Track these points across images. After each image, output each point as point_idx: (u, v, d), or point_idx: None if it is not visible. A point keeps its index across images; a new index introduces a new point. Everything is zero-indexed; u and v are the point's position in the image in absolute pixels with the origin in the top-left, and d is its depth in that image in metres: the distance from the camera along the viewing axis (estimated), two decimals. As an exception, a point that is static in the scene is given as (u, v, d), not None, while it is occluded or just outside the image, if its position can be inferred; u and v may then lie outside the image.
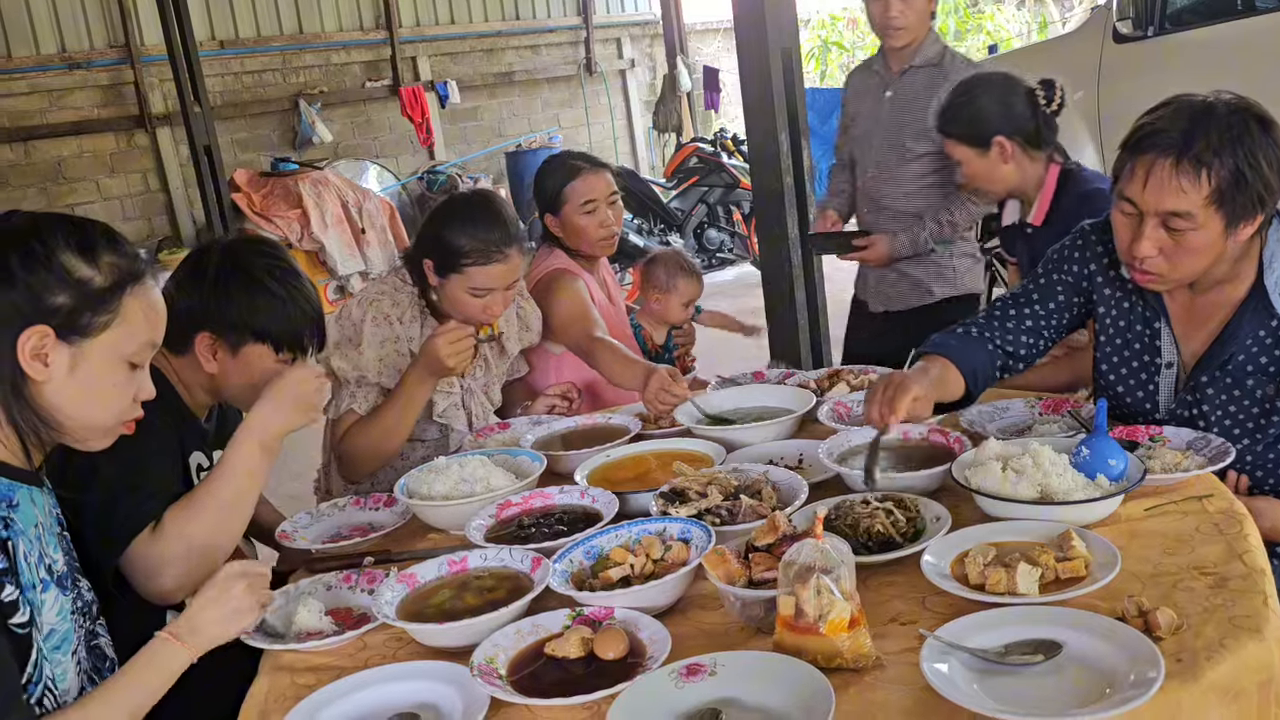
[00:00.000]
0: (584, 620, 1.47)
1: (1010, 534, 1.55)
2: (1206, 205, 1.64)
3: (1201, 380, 1.83)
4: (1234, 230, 1.66)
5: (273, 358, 1.85)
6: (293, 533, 1.98)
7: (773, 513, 1.57)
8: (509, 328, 2.56)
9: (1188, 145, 1.63)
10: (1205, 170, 1.62)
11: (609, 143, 11.81)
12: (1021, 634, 1.29)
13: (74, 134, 8.92)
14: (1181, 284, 1.76)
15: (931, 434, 1.90)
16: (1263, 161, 1.63)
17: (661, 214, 7.25)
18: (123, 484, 1.64)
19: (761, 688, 1.26)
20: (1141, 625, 1.28)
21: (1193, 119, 1.67)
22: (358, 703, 1.37)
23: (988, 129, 2.56)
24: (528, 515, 1.85)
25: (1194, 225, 1.65)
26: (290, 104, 9.84)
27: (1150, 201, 1.68)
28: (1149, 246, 1.70)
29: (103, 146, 9.08)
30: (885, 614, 1.44)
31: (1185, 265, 1.70)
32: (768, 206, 4.17)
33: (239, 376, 1.85)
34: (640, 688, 1.28)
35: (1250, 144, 1.63)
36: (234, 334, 1.82)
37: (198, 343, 1.82)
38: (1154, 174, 1.66)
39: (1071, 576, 1.41)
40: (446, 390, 2.39)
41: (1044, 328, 1.95)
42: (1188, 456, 1.75)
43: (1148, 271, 1.74)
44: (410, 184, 10.45)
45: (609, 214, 2.71)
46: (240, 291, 1.83)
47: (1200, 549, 1.49)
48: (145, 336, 1.42)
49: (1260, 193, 1.64)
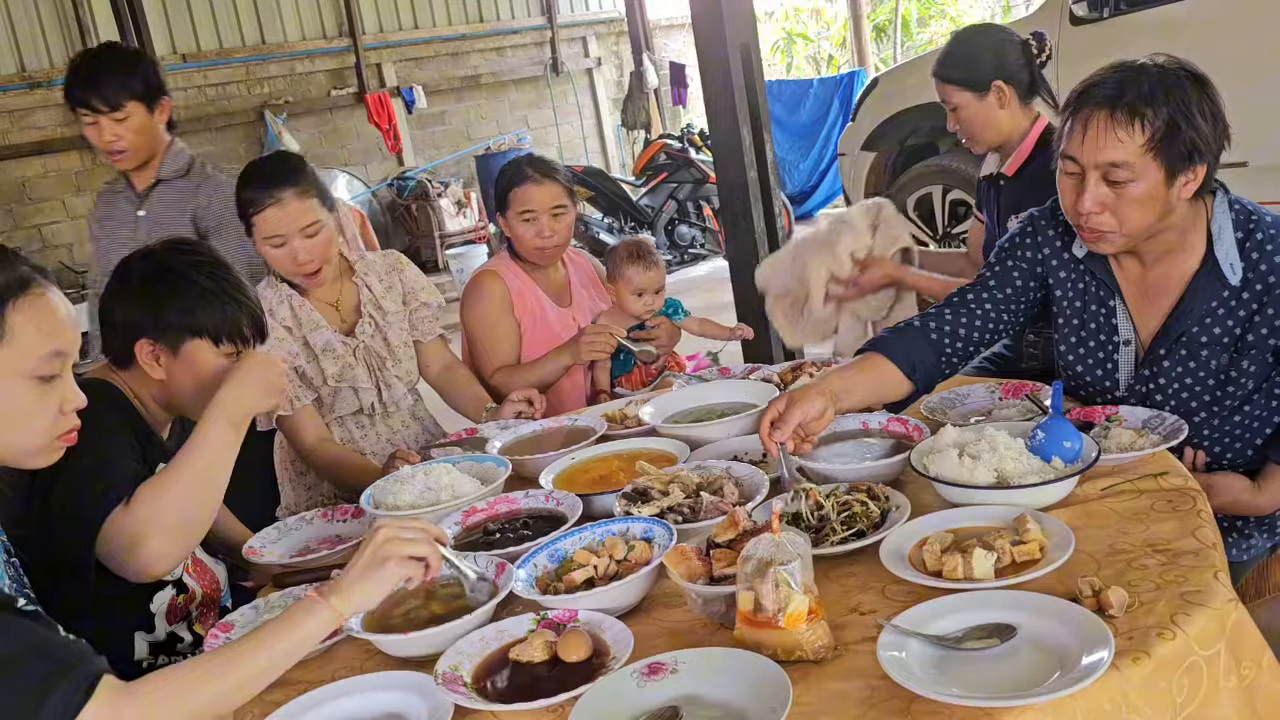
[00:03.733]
0: (548, 624, 1.48)
1: (968, 519, 1.56)
2: (1144, 153, 1.67)
3: (1159, 355, 1.86)
4: (1173, 182, 1.69)
5: (214, 352, 1.84)
6: (260, 548, 1.97)
7: (733, 509, 1.58)
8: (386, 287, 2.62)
9: (1121, 95, 1.68)
10: (1139, 119, 1.67)
11: (579, 142, 11.82)
12: (978, 619, 1.31)
13: (38, 154, 8.85)
14: (1131, 242, 1.78)
15: (891, 423, 1.92)
16: (1195, 113, 1.67)
17: (631, 212, 7.25)
18: (87, 475, 1.66)
19: (722, 684, 1.27)
20: (1094, 605, 1.30)
21: (1125, 73, 1.72)
22: (323, 717, 1.37)
23: (986, 73, 2.62)
24: (494, 521, 1.85)
25: (1133, 175, 1.68)
26: (256, 115, 9.80)
27: (1090, 154, 1.71)
28: (1091, 201, 1.72)
29: (67, 165, 9.01)
30: (846, 604, 1.45)
31: (1131, 219, 1.73)
32: (733, 201, 4.17)
33: (185, 377, 1.84)
34: (602, 689, 1.29)
35: (1183, 95, 1.68)
36: (171, 335, 1.82)
37: (139, 351, 1.81)
38: (1091, 126, 1.70)
39: (1027, 559, 1.43)
40: (333, 355, 2.48)
41: (1002, 313, 1.97)
42: (1143, 435, 1.77)
43: (1095, 229, 1.76)
44: (380, 191, 10.44)
45: (550, 225, 2.72)
46: (169, 292, 1.83)
47: (1154, 526, 1.51)
48: (45, 348, 1.37)
49: (1195, 142, 1.67)
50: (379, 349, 2.57)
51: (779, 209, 4.25)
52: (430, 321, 2.72)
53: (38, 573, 1.63)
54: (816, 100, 9.50)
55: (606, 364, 2.85)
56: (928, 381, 1.93)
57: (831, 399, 1.78)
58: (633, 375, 2.85)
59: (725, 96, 4.04)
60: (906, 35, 11.68)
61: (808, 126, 9.54)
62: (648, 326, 2.85)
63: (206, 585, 1.97)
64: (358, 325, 2.55)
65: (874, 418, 1.94)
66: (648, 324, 2.85)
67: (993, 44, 2.66)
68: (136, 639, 1.84)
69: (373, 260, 2.67)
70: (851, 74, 9.85)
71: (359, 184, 10.21)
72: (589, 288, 2.99)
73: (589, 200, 7.35)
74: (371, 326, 2.57)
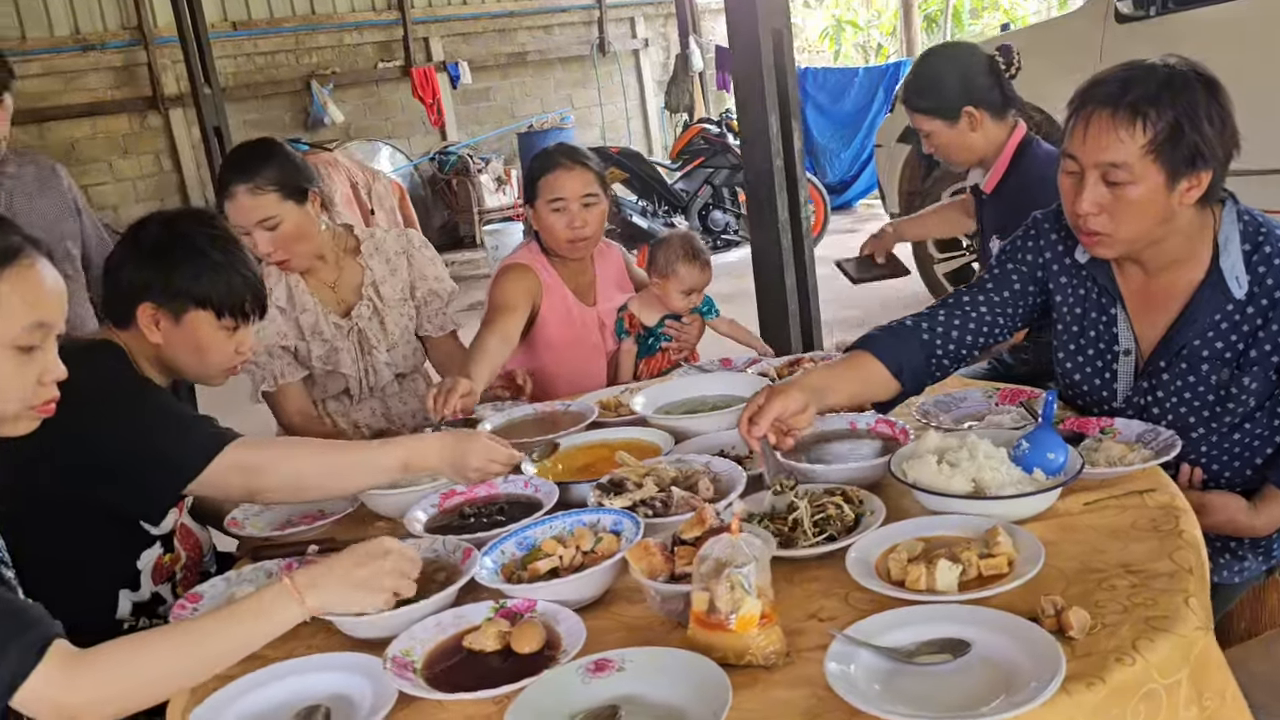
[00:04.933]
0: (506, 613, 1.47)
1: (942, 528, 1.53)
2: (1144, 155, 1.62)
3: (1159, 366, 1.80)
4: (1174, 187, 1.64)
5: (214, 324, 1.85)
6: (243, 520, 1.99)
7: (703, 505, 1.56)
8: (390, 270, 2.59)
9: (1124, 96, 1.63)
10: (1142, 119, 1.61)
11: (622, 123, 11.78)
12: (934, 632, 1.27)
13: (88, 115, 9.00)
14: (1129, 247, 1.73)
15: (879, 424, 1.88)
16: (1202, 117, 1.62)
17: (666, 195, 7.20)
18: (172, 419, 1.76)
19: (667, 684, 1.26)
20: (1055, 625, 1.26)
21: (1133, 72, 1.66)
22: (271, 694, 1.37)
23: (954, 99, 2.57)
24: (470, 505, 1.85)
25: (1132, 178, 1.63)
26: (302, 85, 9.88)
27: (1090, 153, 1.66)
28: (1088, 202, 1.67)
29: (116, 128, 9.15)
30: (807, 609, 1.43)
31: (1129, 223, 1.67)
32: (758, 188, 4.12)
33: (183, 345, 1.86)
34: (546, 683, 1.28)
35: (1190, 98, 1.62)
36: (175, 303, 1.83)
37: (140, 314, 1.82)
38: (1092, 125, 1.66)
39: (994, 574, 1.39)
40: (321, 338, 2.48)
41: (999, 317, 1.92)
42: (1134, 450, 1.72)
43: (1094, 232, 1.71)
44: (422, 165, 10.48)
45: (581, 216, 2.62)
46: (179, 260, 1.83)
47: (1132, 546, 1.46)
48: (28, 319, 1.37)
49: (1199, 147, 1.61)
50: (373, 333, 2.56)
51: (805, 198, 4.20)
52: (440, 315, 2.69)
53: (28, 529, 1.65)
54: (861, 89, 9.38)
55: (632, 353, 2.82)
56: (916, 383, 1.89)
57: (813, 395, 1.74)
58: (653, 361, 2.83)
59: (754, 81, 3.98)
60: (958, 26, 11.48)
61: (851, 116, 9.41)
62: (683, 320, 2.81)
63: (190, 550, 1.99)
64: (355, 308, 2.55)
65: (862, 417, 1.90)
66: (684, 319, 2.81)
67: (958, 68, 2.60)
68: (121, 597, 1.87)
69: (382, 240, 2.65)
70: (898, 64, 9.70)
71: (401, 157, 10.27)
72: (618, 285, 2.90)
73: (624, 182, 7.31)
74: (369, 309, 2.56)
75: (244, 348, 1.91)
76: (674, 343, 2.79)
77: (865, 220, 8.98)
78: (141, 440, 1.70)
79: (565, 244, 2.66)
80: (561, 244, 2.66)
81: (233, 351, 1.88)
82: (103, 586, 1.84)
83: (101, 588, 1.84)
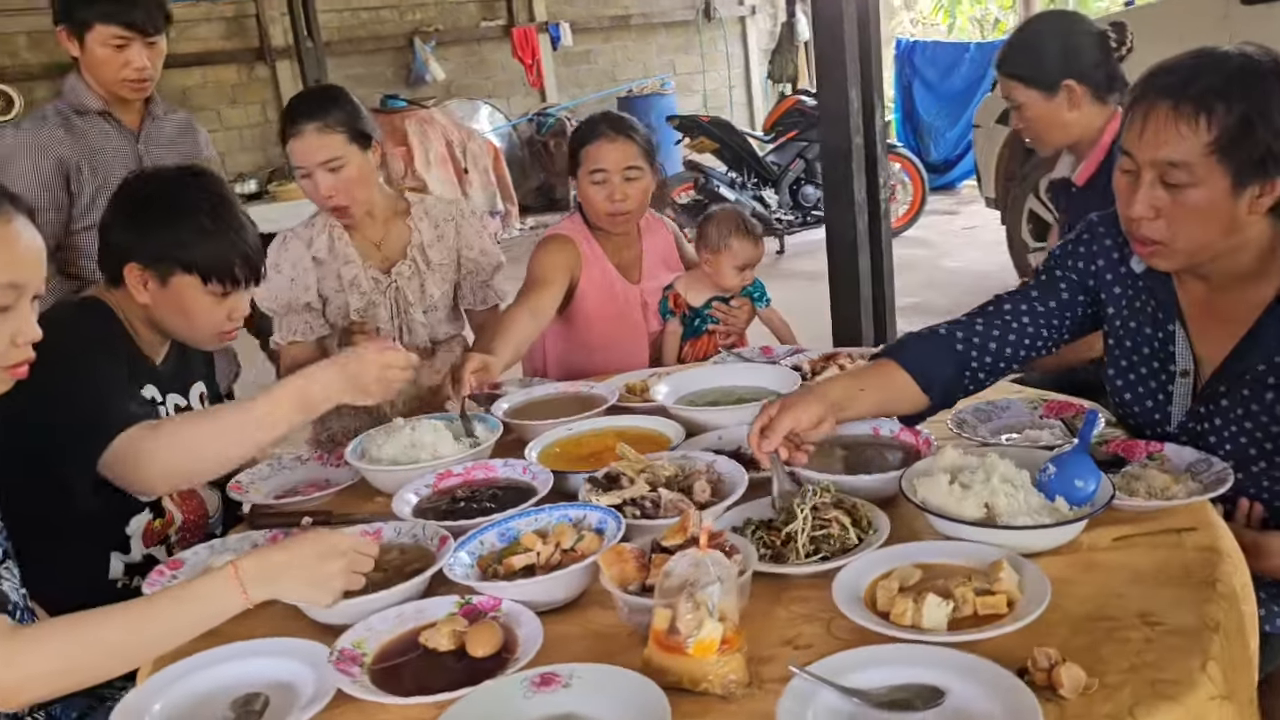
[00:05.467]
0: (469, 610, 1.40)
1: (947, 556, 1.40)
2: (1207, 155, 1.43)
3: (1219, 391, 1.62)
4: (1241, 193, 1.45)
5: (201, 289, 1.80)
6: (248, 484, 1.96)
7: (689, 510, 1.46)
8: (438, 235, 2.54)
9: (1188, 87, 1.44)
10: (1206, 115, 1.42)
11: (724, 91, 11.56)
12: (907, 676, 1.16)
13: (198, 64, 9.19)
14: (1189, 259, 1.55)
15: (902, 432, 1.75)
16: (1276, 115, 1.42)
17: (756, 167, 7.01)
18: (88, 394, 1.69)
19: (609, 706, 1.17)
20: (1045, 680, 1.13)
21: (1200, 62, 1.48)
22: (215, 677, 1.32)
23: (1055, 69, 2.34)
24: (465, 488, 1.78)
25: (1193, 179, 1.45)
26: (405, 41, 9.92)
27: (1147, 150, 1.48)
28: (1142, 204, 1.50)
29: (225, 77, 9.33)
30: (784, 635, 1.32)
31: (1187, 232, 1.49)
32: (835, 166, 3.94)
33: (170, 307, 1.82)
34: (485, 694, 1.20)
35: (1263, 93, 1.43)
36: (161, 265, 1.78)
37: (127, 274, 1.79)
38: (1150, 120, 1.47)
39: (991, 613, 1.26)
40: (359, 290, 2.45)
41: (1043, 328, 1.75)
42: (1180, 481, 1.55)
43: (1148, 239, 1.53)
44: (520, 125, 10.45)
45: (622, 189, 2.53)
46: (165, 222, 1.79)
47: (1156, 592, 1.31)
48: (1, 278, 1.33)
49: (1272, 148, 1.42)
50: (412, 292, 2.51)
51: (886, 179, 4.01)
52: (483, 288, 2.62)
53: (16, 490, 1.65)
54: (972, 65, 8.96)
55: (677, 334, 2.73)
56: (946, 397, 1.74)
57: (831, 408, 1.61)
58: (698, 344, 2.72)
59: (835, 53, 3.80)
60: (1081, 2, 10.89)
61: (960, 92, 9.01)
62: (730, 303, 2.71)
63: (191, 512, 1.97)
64: (396, 266, 2.50)
65: (885, 424, 1.77)
66: (732, 301, 2.71)
67: (1064, 36, 2.36)
68: (112, 559, 1.86)
69: (432, 205, 2.60)
70: (1014, 40, 9.23)
71: (500, 117, 10.26)
72: (665, 263, 2.80)
73: (714, 152, 7.14)
74: (410, 269, 2.51)
75: (237, 314, 1.86)
76: (721, 326, 2.68)
77: (968, 202, 8.63)
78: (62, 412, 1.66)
79: (605, 217, 2.58)
80: (601, 217, 2.58)
81: (223, 317, 1.83)
82: (92, 549, 1.83)
83: (91, 550, 1.83)
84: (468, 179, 8.99)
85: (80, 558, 1.82)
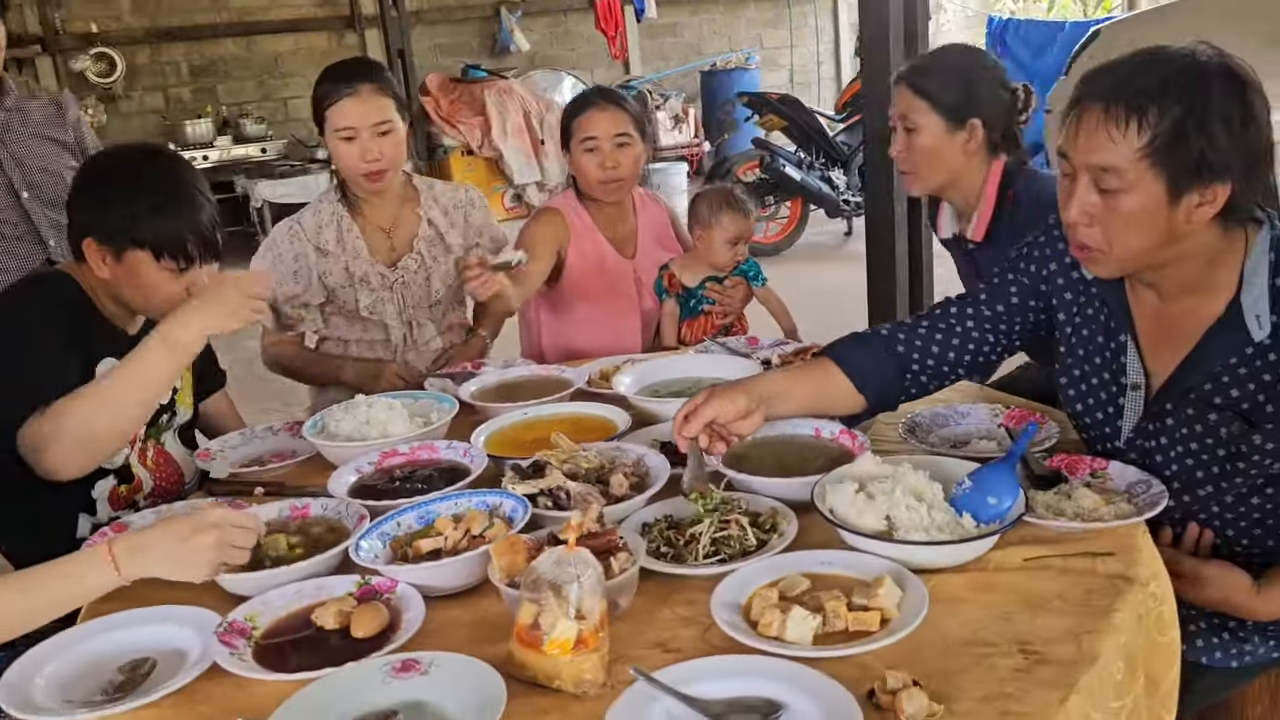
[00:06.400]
0: (366, 591, 1.42)
1: (840, 567, 1.37)
2: (1139, 160, 1.36)
3: (1166, 408, 1.54)
4: (1178, 200, 1.37)
5: (154, 265, 1.83)
6: (216, 453, 2.03)
7: (588, 505, 1.46)
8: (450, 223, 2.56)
9: (1122, 89, 1.37)
10: (1138, 119, 1.35)
11: (812, 67, 11.35)
12: (752, 688, 1.14)
13: (291, 31, 9.45)
14: (1126, 267, 1.48)
15: (841, 435, 1.71)
16: (1215, 121, 1.33)
17: (825, 147, 6.87)
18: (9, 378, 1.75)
19: (457, 695, 1.18)
20: (891, 704, 1.10)
21: (1139, 62, 1.40)
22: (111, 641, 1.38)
23: (966, 107, 2.18)
24: (406, 467, 1.81)
25: (1125, 185, 1.38)
26: (492, 12, 10.01)
27: (1080, 155, 1.42)
28: (1078, 210, 1.43)
29: (315, 44, 9.55)
30: (658, 637, 1.31)
31: (1123, 239, 1.42)
32: (875, 152, 3.85)
33: (127, 282, 1.86)
34: (344, 677, 1.23)
35: (1201, 97, 1.34)
36: (115, 240, 1.82)
37: (86, 249, 1.84)
38: (1084, 122, 1.41)
39: (861, 630, 1.24)
40: (369, 287, 2.47)
41: (988, 333, 1.69)
42: (1111, 503, 1.48)
43: (1084, 245, 1.47)
44: (603, 98, 10.44)
45: (613, 157, 2.56)
46: (119, 198, 1.82)
47: (1043, 620, 1.26)
48: None
49: (1206, 157, 1.34)
50: (418, 286, 2.53)
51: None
52: None
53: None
54: (1065, 46, 8.54)
55: (674, 314, 2.73)
56: (883, 399, 1.70)
57: (760, 401, 1.59)
58: (695, 324, 2.71)
59: (879, 33, 3.70)
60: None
61: (1053, 72, 8.56)
62: (724, 282, 2.69)
63: (165, 479, 2.04)
64: (402, 260, 2.52)
65: (828, 425, 1.73)
66: (725, 281, 2.69)
67: (984, 75, 2.21)
68: (80, 519, 1.94)
69: (442, 191, 2.62)
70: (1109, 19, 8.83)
71: (583, 88, 10.27)
72: (659, 240, 2.82)
73: (782, 130, 7.01)
74: (416, 262, 2.53)
75: (197, 288, 1.89)
76: (717, 305, 2.66)
77: (1053, 189, 8.31)
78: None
79: (598, 185, 2.60)
80: (594, 185, 2.61)
81: (181, 292, 1.86)
82: (60, 511, 1.90)
83: (59, 512, 1.90)
84: (544, 150, 9.03)
85: (48, 519, 1.90)
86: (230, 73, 9.31)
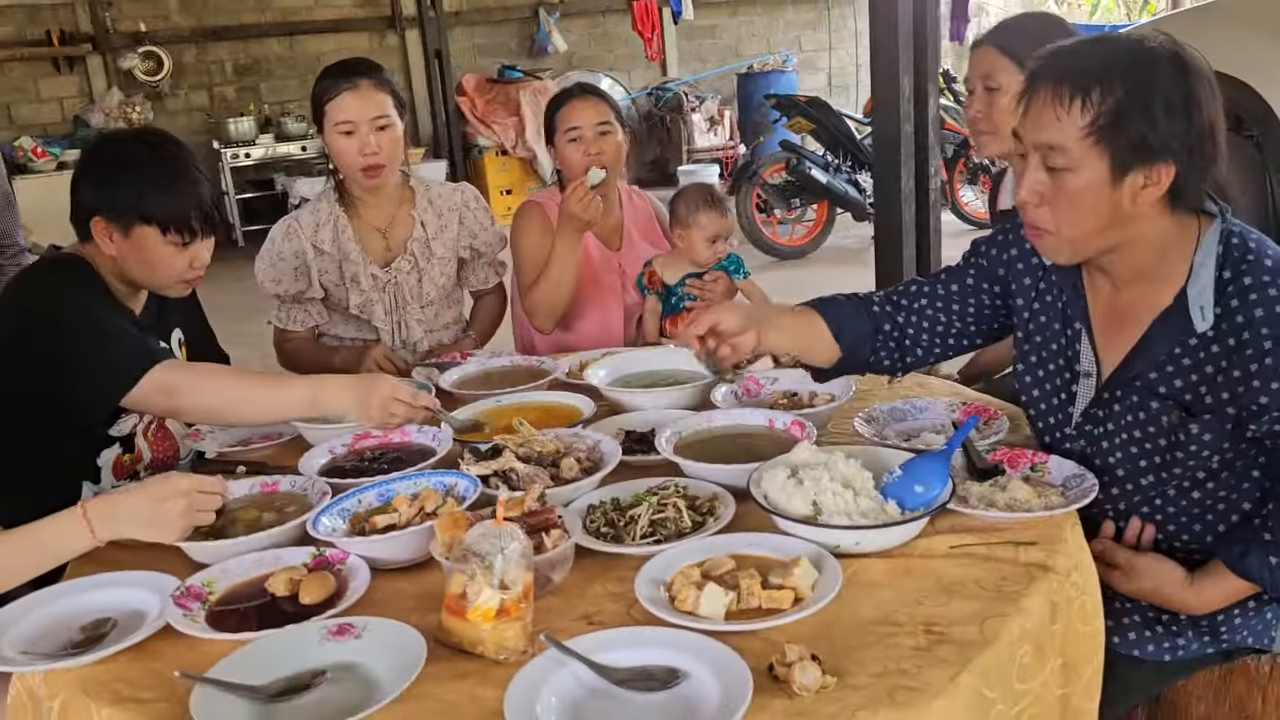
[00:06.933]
0: (320, 562, 1.50)
1: (766, 549, 1.42)
2: (1083, 139, 1.40)
3: (1113, 396, 1.57)
4: (1121, 180, 1.41)
5: (160, 240, 1.94)
6: (207, 433, 2.12)
7: (532, 486, 1.52)
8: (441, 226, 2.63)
9: (1069, 70, 1.42)
10: (1082, 98, 1.39)
11: (850, 70, 11.32)
12: (662, 658, 1.20)
13: (333, 31, 9.62)
14: (1075, 250, 1.51)
15: (792, 426, 1.76)
16: (1158, 103, 1.37)
17: (854, 150, 6.87)
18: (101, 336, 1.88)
19: (385, 657, 1.26)
20: (786, 675, 1.15)
21: (1089, 46, 1.45)
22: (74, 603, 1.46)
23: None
24: (377, 449, 1.89)
25: (1070, 163, 1.42)
26: (530, 12, 10.11)
27: (1030, 133, 1.47)
28: (1028, 189, 1.48)
29: (357, 45, 9.69)
30: (586, 610, 1.37)
31: (1069, 219, 1.46)
32: (885, 155, 3.89)
33: (134, 258, 1.97)
34: (281, 638, 1.30)
35: (1146, 80, 1.38)
36: (124, 217, 1.93)
37: (94, 227, 1.95)
38: (1034, 101, 1.46)
39: (773, 608, 1.29)
40: (359, 288, 2.54)
41: (942, 314, 1.74)
42: (1042, 495, 1.52)
43: (1034, 225, 1.51)
44: (639, 99, 10.52)
45: (597, 144, 2.63)
46: (124, 176, 1.94)
47: (954, 604, 1.30)
48: None
49: (1147, 138, 1.38)
50: (409, 288, 2.59)
51: (935, 169, 3.92)
52: (484, 268, 2.75)
53: None
54: (1104, 50, 8.49)
55: (657, 311, 2.78)
56: (855, 352, 1.76)
57: (755, 323, 1.68)
58: (678, 320, 2.76)
59: (889, 37, 3.75)
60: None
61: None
62: (704, 278, 2.74)
63: (162, 453, 2.14)
64: (395, 262, 2.58)
65: (781, 417, 1.79)
66: (705, 276, 2.74)
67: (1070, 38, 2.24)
68: (84, 487, 2.04)
69: (439, 192, 2.68)
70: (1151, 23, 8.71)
71: (620, 89, 10.34)
72: (644, 235, 2.87)
73: (810, 133, 7.04)
74: (409, 264, 2.59)
75: (198, 262, 2.00)
76: (699, 301, 2.71)
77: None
78: (74, 354, 1.84)
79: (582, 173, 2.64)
80: (578, 174, 2.64)
81: (185, 265, 1.98)
82: (65, 478, 2.02)
83: (64, 479, 2.02)
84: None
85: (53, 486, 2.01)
86: (273, 72, 9.51)
